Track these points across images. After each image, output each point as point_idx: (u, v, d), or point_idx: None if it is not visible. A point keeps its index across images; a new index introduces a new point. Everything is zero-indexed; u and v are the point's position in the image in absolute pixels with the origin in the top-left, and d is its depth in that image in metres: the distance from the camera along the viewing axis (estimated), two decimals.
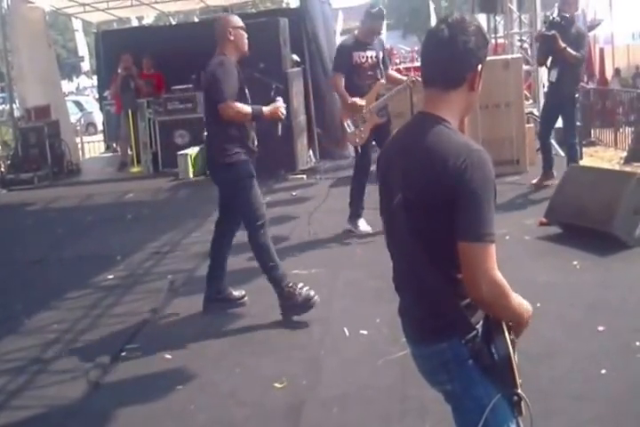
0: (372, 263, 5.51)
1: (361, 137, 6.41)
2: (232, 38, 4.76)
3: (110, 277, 6.23)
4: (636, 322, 4.23)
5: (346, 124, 6.49)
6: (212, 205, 8.74)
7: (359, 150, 6.57)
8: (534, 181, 7.77)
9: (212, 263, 5.10)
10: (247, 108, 4.69)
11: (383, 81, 6.60)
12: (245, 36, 4.85)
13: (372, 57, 6.49)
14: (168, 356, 4.41)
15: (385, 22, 6.93)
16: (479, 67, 2.05)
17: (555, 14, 7.62)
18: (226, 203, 4.99)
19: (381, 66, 6.57)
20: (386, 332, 4.33)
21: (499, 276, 1.93)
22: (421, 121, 2.09)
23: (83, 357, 4.55)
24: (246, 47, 4.86)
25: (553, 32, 7.23)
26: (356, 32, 6.80)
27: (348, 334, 4.49)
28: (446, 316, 2.04)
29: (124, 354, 4.54)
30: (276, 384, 3.92)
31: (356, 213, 6.60)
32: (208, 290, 5.03)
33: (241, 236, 6.85)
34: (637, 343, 3.94)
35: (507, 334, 1.98)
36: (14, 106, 12.47)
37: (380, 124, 6.49)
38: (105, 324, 5.15)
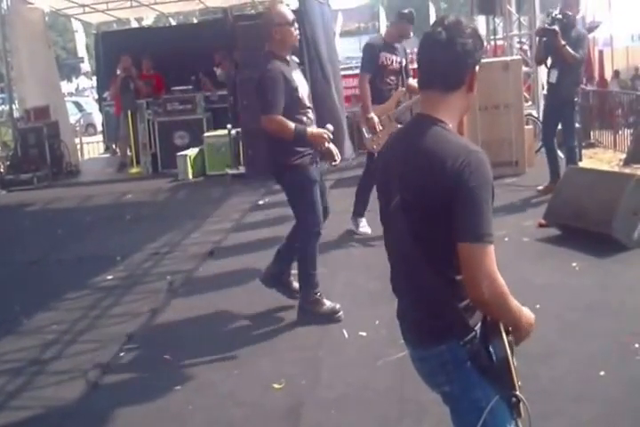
0: (370, 265, 5.51)
1: (378, 143, 6.39)
2: (278, 37, 4.65)
3: (109, 277, 6.23)
4: (635, 324, 4.23)
5: (364, 130, 6.50)
6: (210, 205, 8.81)
7: (375, 155, 6.58)
8: (540, 188, 7.50)
9: (283, 246, 5.04)
10: (290, 126, 4.53)
11: (404, 89, 6.63)
12: (293, 29, 4.68)
13: (396, 61, 6.51)
14: (166, 356, 4.41)
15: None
16: (476, 68, 2.07)
17: (557, 11, 7.54)
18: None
19: (404, 73, 6.60)
20: (384, 333, 4.33)
21: (499, 276, 1.93)
22: (420, 123, 2.09)
23: (81, 357, 4.56)
24: (296, 41, 4.76)
25: (554, 27, 7.13)
26: (383, 34, 6.79)
27: (346, 335, 4.49)
28: (445, 317, 2.04)
29: (122, 355, 4.55)
30: (275, 385, 3.92)
31: (358, 211, 6.61)
32: (273, 266, 5.01)
33: (239, 237, 6.86)
34: (636, 345, 3.94)
35: (504, 335, 1.98)
36: (14, 106, 12.48)
37: None
38: (104, 324, 5.15)
